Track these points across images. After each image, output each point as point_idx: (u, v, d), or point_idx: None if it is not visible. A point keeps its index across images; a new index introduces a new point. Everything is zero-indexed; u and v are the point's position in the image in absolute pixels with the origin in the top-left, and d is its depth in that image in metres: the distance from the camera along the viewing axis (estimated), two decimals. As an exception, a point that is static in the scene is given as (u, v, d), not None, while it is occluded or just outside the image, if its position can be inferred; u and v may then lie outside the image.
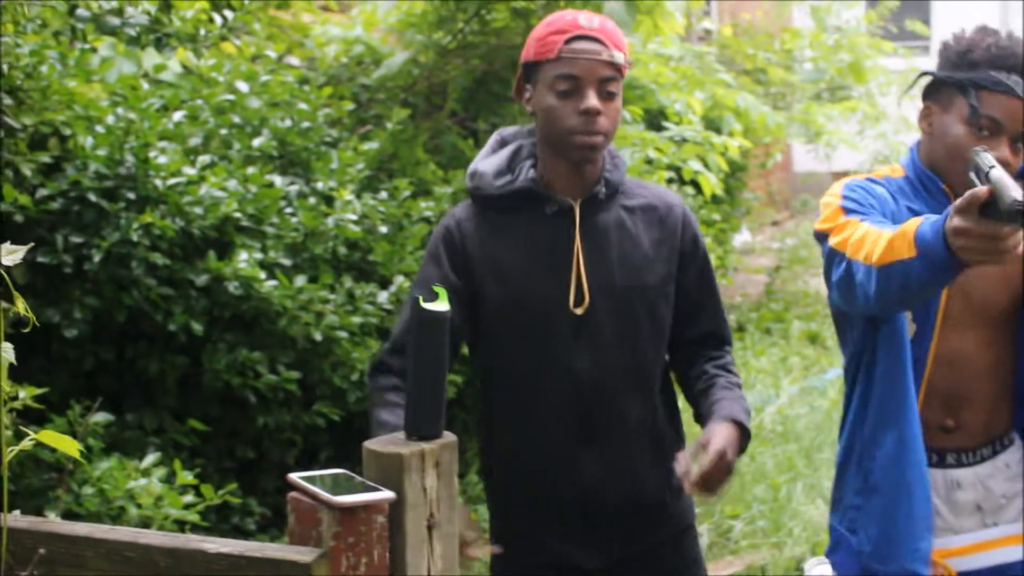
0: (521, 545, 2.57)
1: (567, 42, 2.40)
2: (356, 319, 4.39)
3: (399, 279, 4.57)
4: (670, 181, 7.15)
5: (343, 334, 4.35)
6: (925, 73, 2.46)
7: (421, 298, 1.87)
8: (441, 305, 1.90)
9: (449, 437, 1.97)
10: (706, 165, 5.74)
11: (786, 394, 7.05)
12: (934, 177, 2.42)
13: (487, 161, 2.57)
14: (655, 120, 6.70)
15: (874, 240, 2.14)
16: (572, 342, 2.46)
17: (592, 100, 2.36)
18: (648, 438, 2.56)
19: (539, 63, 2.43)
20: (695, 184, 6.16)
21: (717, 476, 2.30)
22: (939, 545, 2.43)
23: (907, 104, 10.60)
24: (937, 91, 2.39)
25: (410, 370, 1.90)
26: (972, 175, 2.08)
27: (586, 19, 2.46)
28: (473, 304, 2.52)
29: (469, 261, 2.51)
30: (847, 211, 2.32)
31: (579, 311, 2.45)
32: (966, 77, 2.33)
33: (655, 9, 4.95)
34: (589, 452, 2.48)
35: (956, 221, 1.91)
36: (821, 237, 2.35)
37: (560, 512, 2.52)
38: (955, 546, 2.45)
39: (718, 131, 6.19)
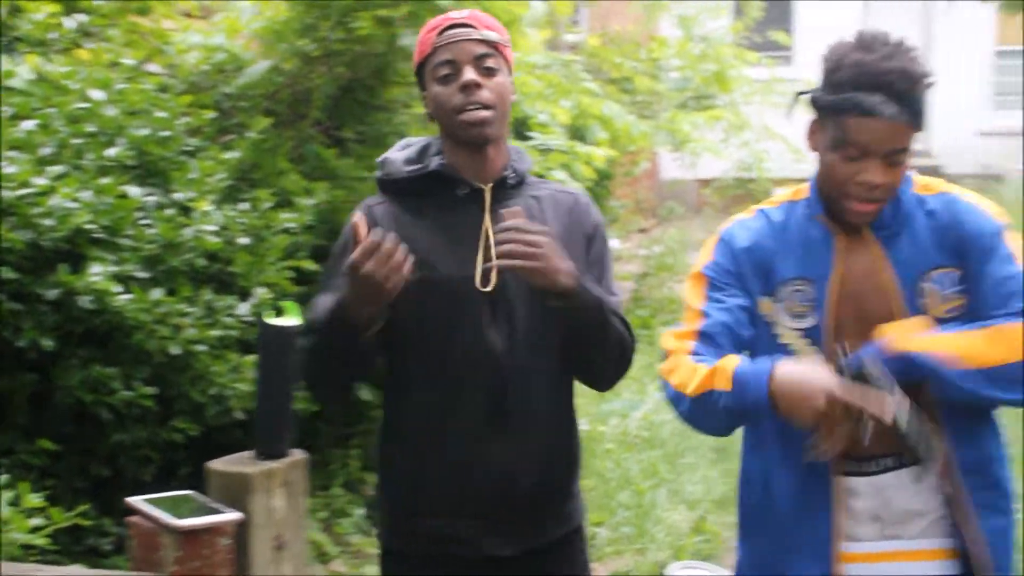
0: (424, 535, 2.54)
1: (440, 33, 2.50)
2: (215, 332, 4.31)
3: (260, 291, 4.50)
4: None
5: (202, 348, 4.27)
6: (802, 93, 2.41)
7: (266, 313, 1.84)
8: (288, 320, 1.87)
9: (298, 455, 1.94)
10: (572, 174, 5.77)
11: (652, 400, 7.13)
12: (821, 202, 2.44)
13: (397, 153, 2.64)
14: (520, 130, 6.72)
15: (690, 372, 2.36)
16: (485, 322, 2.49)
17: (470, 74, 2.44)
18: (556, 422, 2.60)
19: (423, 63, 2.53)
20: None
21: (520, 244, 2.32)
22: (858, 550, 2.45)
23: (771, 113, 10.80)
24: (815, 108, 2.38)
25: (258, 388, 1.86)
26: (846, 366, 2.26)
27: (456, 12, 2.56)
28: None
29: None
30: (704, 284, 2.50)
31: (487, 289, 2.48)
32: (831, 101, 2.31)
33: (511, 25, 4.95)
34: (502, 435, 2.49)
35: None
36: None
37: (474, 497, 2.51)
38: (853, 551, 2.45)
39: (584, 140, 6.23)
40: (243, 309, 4.45)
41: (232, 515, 1.74)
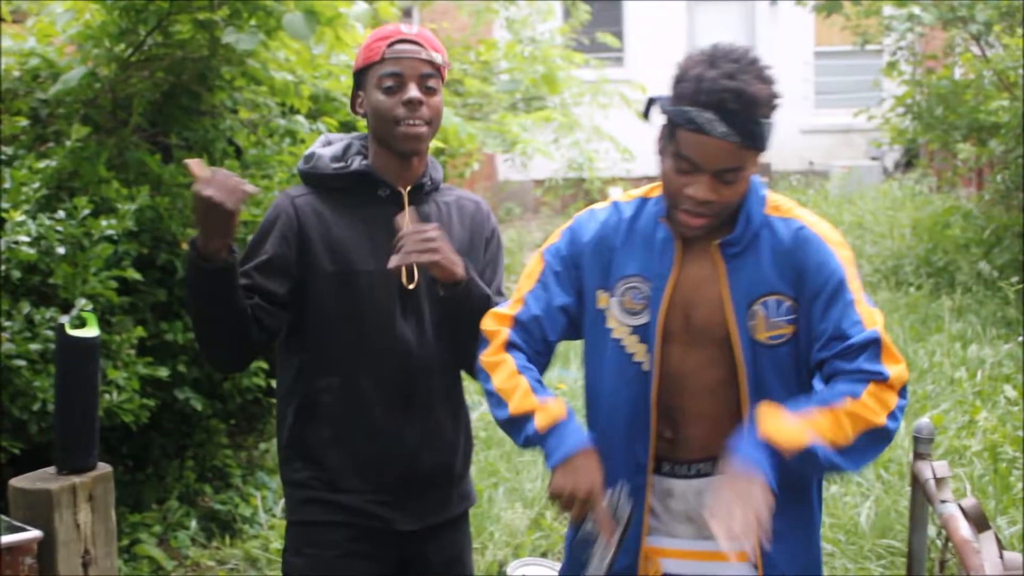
0: (338, 509, 2.73)
1: (390, 45, 2.70)
2: (35, 346, 4.18)
3: (81, 301, 4.38)
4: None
5: (21, 362, 4.14)
6: (652, 100, 2.43)
7: (67, 324, 1.81)
8: (90, 331, 1.83)
9: (103, 468, 1.91)
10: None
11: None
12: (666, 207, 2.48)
13: (322, 149, 2.83)
14: (353, 130, 6.69)
15: (514, 386, 2.46)
16: (399, 317, 2.71)
17: (414, 92, 2.66)
18: (454, 409, 2.85)
19: (367, 67, 2.72)
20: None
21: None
22: (653, 543, 2.53)
23: (600, 114, 11.01)
24: (662, 115, 2.41)
25: (56, 400, 1.83)
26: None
27: (406, 27, 2.77)
28: (303, 279, 2.71)
29: (304, 235, 2.70)
30: (541, 268, 2.59)
31: (411, 286, 2.72)
32: (670, 112, 2.34)
33: (335, 20, 4.92)
34: (409, 421, 2.68)
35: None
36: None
37: (386, 476, 2.72)
38: (667, 547, 2.53)
39: (411, 143, 6.22)
40: (65, 321, 4.33)
41: (33, 533, 1.70)
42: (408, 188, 2.77)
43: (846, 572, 4.80)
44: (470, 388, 3.13)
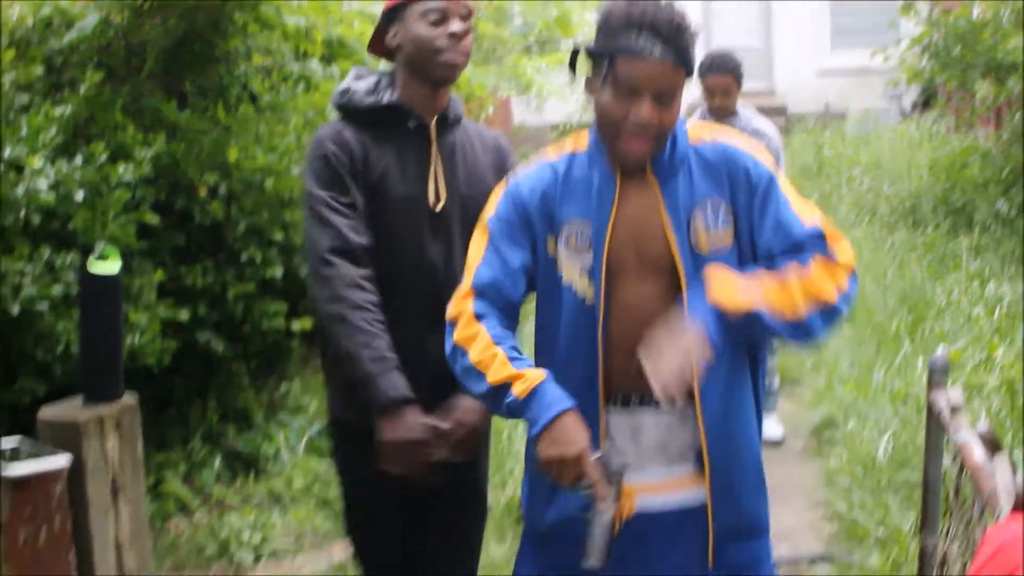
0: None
1: None
2: (57, 290, 4.24)
3: (101, 245, 4.42)
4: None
5: (44, 306, 4.19)
6: (576, 50, 2.51)
7: (91, 259, 1.84)
8: (112, 266, 1.86)
9: (129, 398, 1.95)
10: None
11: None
12: (602, 147, 2.53)
13: (356, 83, 3.01)
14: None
15: (491, 356, 2.46)
16: (428, 237, 2.92)
17: (457, 26, 2.89)
18: None
19: (408, 3, 2.90)
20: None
21: None
22: (627, 483, 2.50)
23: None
24: (592, 62, 2.48)
25: (81, 333, 1.86)
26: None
27: None
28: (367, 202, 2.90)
29: (355, 163, 2.89)
30: (487, 238, 2.60)
31: (438, 208, 2.92)
32: (603, 45, 2.41)
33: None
34: (438, 333, 2.68)
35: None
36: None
37: (419, 382, 2.82)
38: (643, 482, 2.53)
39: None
40: (89, 257, 4.38)
41: (62, 461, 1.74)
42: (434, 119, 2.96)
43: (864, 505, 4.85)
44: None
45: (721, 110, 5.51)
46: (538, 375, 2.42)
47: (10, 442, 1.81)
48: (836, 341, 6.81)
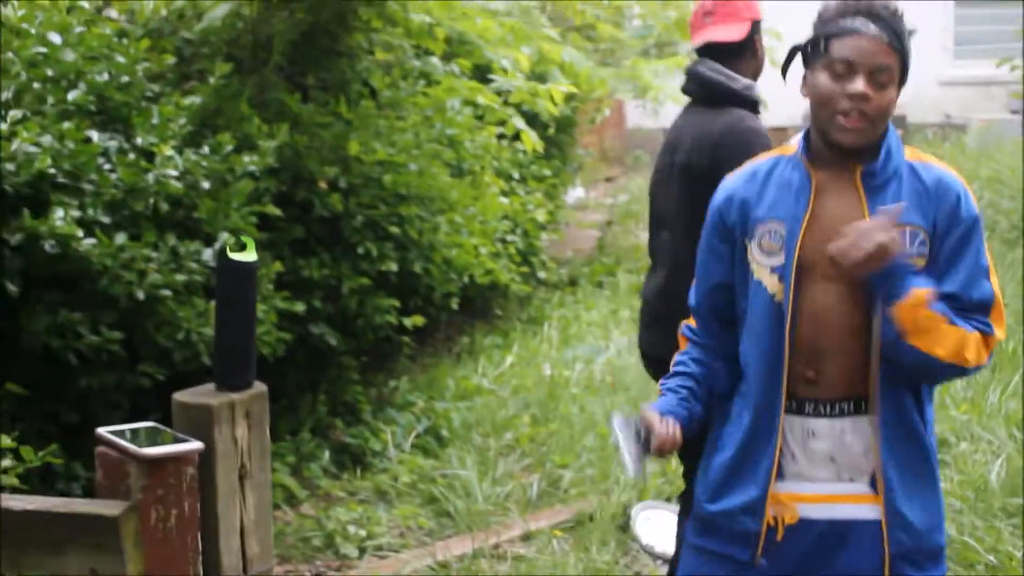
0: None
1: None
2: (180, 277, 4.32)
3: (224, 235, 4.51)
4: (500, 137, 7.22)
5: (167, 293, 4.28)
6: (794, 48, 2.56)
7: (228, 246, 1.86)
8: (249, 255, 1.89)
9: (259, 387, 1.97)
10: (531, 121, 5.80)
11: (615, 346, 7.20)
12: (807, 149, 2.55)
13: None
14: (483, 75, 6.72)
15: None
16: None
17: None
18: None
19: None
20: (520, 139, 6.25)
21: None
22: (790, 489, 2.54)
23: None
24: (806, 57, 2.52)
25: (216, 320, 1.89)
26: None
27: None
28: None
29: None
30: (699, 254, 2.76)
31: None
32: (820, 33, 2.48)
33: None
34: None
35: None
36: None
37: None
38: (807, 492, 2.54)
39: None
40: (208, 254, 4.47)
41: (195, 444, 1.77)
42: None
43: (974, 530, 4.72)
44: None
45: None
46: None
47: (143, 425, 1.85)
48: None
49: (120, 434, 1.80)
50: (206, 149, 4.71)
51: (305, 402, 5.66)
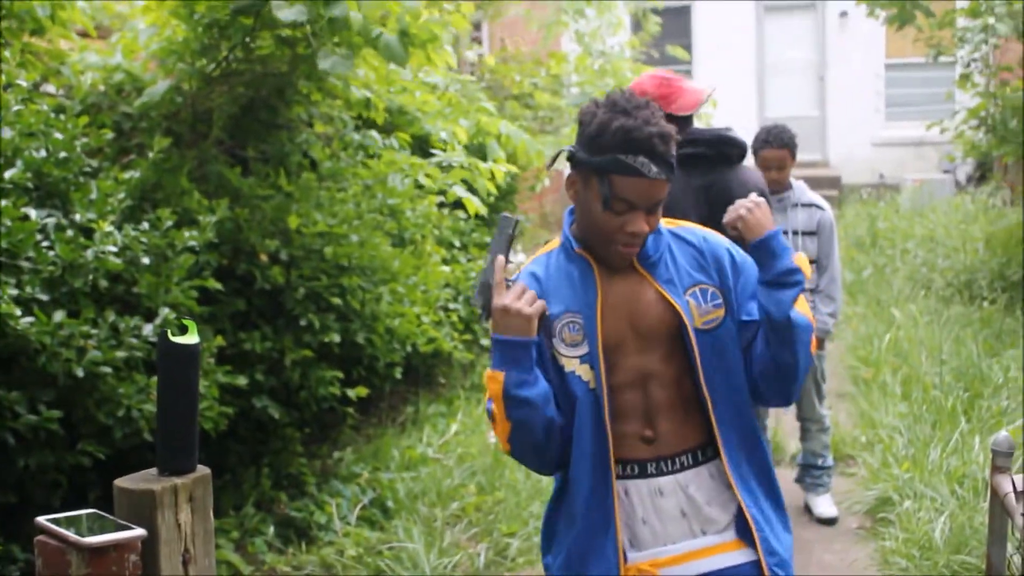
0: None
1: None
2: (120, 354, 4.29)
3: (164, 311, 4.49)
4: (441, 205, 7.26)
5: (107, 369, 4.25)
6: (564, 150, 2.59)
7: (170, 329, 1.86)
8: (191, 338, 1.89)
9: (203, 470, 1.97)
10: (472, 190, 5.84)
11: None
12: (578, 243, 2.66)
13: None
14: (422, 147, 6.77)
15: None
16: None
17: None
18: None
19: None
20: (462, 206, 6.29)
21: None
22: (651, 556, 2.61)
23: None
24: (577, 166, 2.55)
25: (159, 404, 1.88)
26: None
27: None
28: None
29: None
30: None
31: None
32: (599, 162, 2.48)
33: (428, 44, 4.98)
34: None
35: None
36: None
37: None
38: (667, 556, 2.61)
39: (483, 157, 6.32)
40: (148, 330, 4.44)
41: (138, 531, 1.76)
42: None
43: (921, 588, 4.77)
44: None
45: (776, 183, 5.50)
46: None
47: (84, 512, 1.84)
48: (891, 418, 6.74)
49: (60, 522, 1.79)
50: (146, 224, 4.69)
51: (248, 476, 5.61)
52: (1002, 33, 10.41)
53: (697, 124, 4.55)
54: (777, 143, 5.50)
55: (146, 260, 4.57)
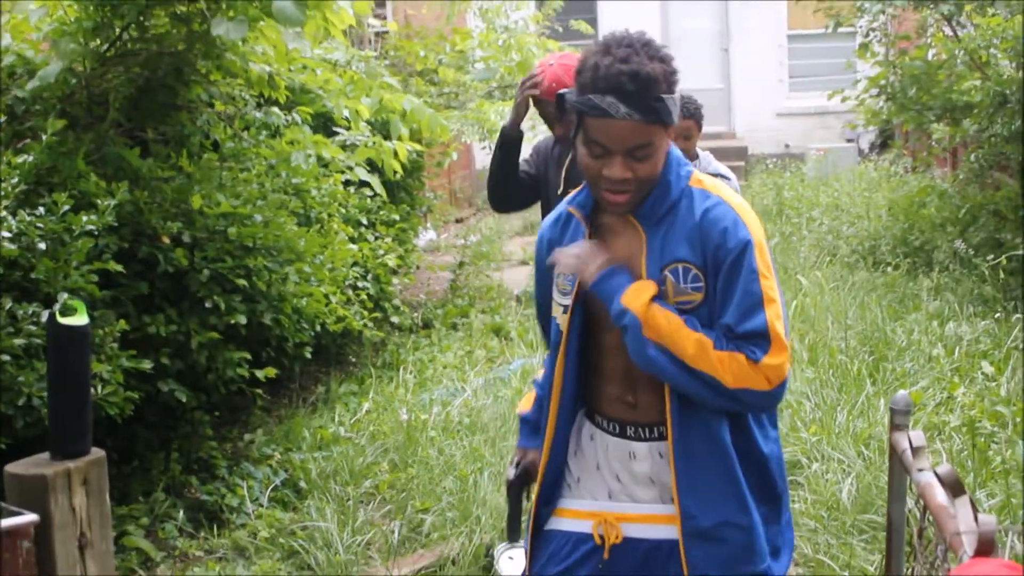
0: None
1: None
2: (19, 341, 4.21)
3: (63, 296, 4.40)
4: (347, 183, 7.21)
5: (6, 357, 4.17)
6: (561, 93, 2.54)
7: (58, 312, 1.83)
8: (80, 319, 1.86)
9: (97, 453, 1.94)
10: (377, 168, 5.80)
11: (472, 386, 7.21)
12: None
13: None
14: (326, 125, 6.71)
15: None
16: None
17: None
18: None
19: None
20: (368, 184, 6.26)
21: None
22: (615, 508, 2.67)
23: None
24: (569, 108, 2.51)
25: (49, 387, 1.85)
26: None
27: None
28: None
29: None
30: None
31: None
32: (574, 103, 2.45)
33: (323, 4, 4.90)
34: None
35: None
36: None
37: None
38: (629, 512, 2.66)
39: (387, 135, 6.28)
40: (47, 316, 4.35)
41: (29, 516, 1.73)
42: None
43: (829, 547, 4.86)
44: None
45: (683, 153, 5.54)
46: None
47: (-25, 499, 1.80)
48: (799, 383, 6.85)
49: (-52, 511, 1.75)
50: (41, 209, 4.59)
51: (158, 461, 5.54)
52: (899, 3, 10.60)
53: None
54: (683, 113, 5.54)
55: (43, 245, 4.47)
